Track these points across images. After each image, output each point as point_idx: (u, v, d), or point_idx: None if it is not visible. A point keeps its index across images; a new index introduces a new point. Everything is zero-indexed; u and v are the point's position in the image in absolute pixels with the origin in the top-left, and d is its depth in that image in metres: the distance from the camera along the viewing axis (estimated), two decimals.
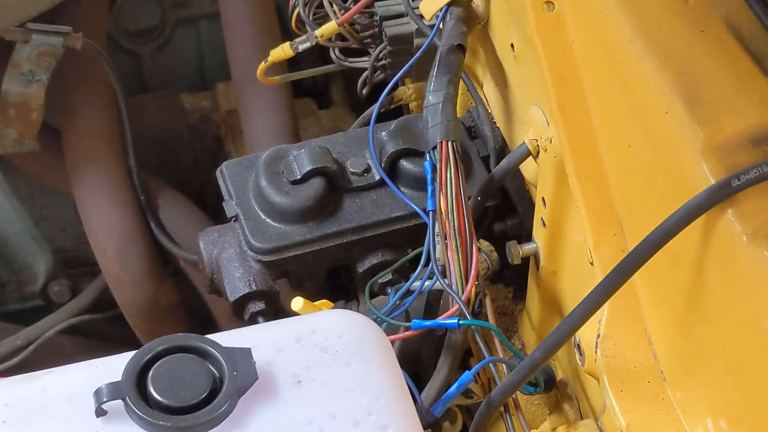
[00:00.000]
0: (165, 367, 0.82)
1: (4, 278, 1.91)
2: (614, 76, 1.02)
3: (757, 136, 0.90)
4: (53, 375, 0.85)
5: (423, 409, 1.06)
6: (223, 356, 0.83)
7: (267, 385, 0.84)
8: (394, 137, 1.25)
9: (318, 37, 1.41)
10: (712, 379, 0.90)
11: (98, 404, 0.80)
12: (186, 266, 1.67)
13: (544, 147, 1.09)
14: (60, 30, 1.56)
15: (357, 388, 0.85)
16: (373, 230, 1.23)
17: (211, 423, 0.80)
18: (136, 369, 0.82)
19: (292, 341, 0.87)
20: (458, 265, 1.07)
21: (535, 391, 1.12)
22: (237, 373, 0.82)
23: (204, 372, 0.82)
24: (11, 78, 1.58)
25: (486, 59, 1.29)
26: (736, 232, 0.86)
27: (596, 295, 0.91)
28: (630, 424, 0.94)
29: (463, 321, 1.05)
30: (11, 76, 1.58)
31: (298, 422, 0.83)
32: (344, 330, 0.89)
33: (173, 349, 0.83)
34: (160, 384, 0.81)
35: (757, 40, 0.97)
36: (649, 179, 0.98)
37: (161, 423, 0.79)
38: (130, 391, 0.80)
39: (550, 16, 1.08)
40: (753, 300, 0.86)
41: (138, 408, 0.80)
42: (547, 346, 0.95)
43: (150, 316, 1.67)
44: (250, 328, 0.92)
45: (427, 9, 1.25)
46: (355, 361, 0.87)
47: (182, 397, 0.80)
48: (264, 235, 1.21)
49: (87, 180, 1.64)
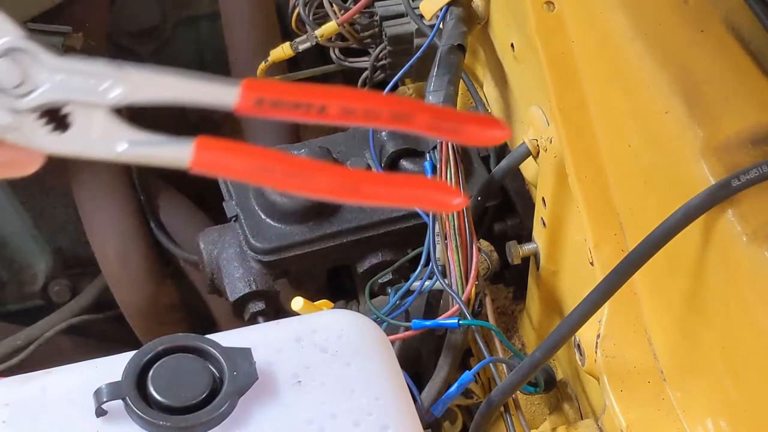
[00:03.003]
0: (165, 367, 0.82)
1: (4, 278, 1.91)
2: (614, 76, 1.02)
3: (757, 136, 0.90)
4: (53, 375, 0.85)
5: (423, 409, 1.06)
6: (223, 356, 0.83)
7: (267, 385, 0.84)
8: (394, 137, 1.25)
9: (318, 37, 1.41)
10: (712, 379, 0.90)
11: (98, 404, 0.80)
12: (186, 266, 1.67)
13: (544, 147, 1.09)
14: (60, 30, 1.55)
15: (357, 388, 0.85)
16: (373, 230, 1.23)
17: (211, 423, 0.80)
18: (136, 369, 0.81)
19: (292, 341, 0.87)
20: (458, 265, 1.07)
21: (535, 391, 1.12)
22: (237, 373, 0.82)
23: (204, 372, 0.82)
24: None
25: (486, 59, 1.29)
26: (736, 233, 0.86)
27: (596, 295, 0.91)
28: (630, 424, 0.94)
29: (463, 321, 1.05)
30: None
31: (298, 422, 0.83)
32: (344, 330, 0.89)
33: (173, 349, 0.83)
34: (160, 384, 0.81)
35: (757, 40, 0.97)
36: (649, 179, 0.98)
37: (161, 423, 0.79)
38: (130, 391, 0.80)
39: (550, 16, 1.08)
40: (753, 300, 0.86)
41: (138, 408, 0.80)
42: (547, 346, 0.95)
43: (150, 316, 1.67)
44: (250, 328, 0.92)
45: (427, 9, 1.25)
46: (355, 361, 0.87)
47: (182, 397, 0.80)
48: (264, 235, 1.21)
49: (87, 180, 1.64)
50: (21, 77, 0.48)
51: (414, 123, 0.51)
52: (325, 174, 0.49)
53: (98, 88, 0.48)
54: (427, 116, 0.51)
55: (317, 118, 0.49)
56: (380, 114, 0.50)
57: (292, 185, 0.49)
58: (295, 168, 0.48)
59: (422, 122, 0.51)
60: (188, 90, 0.49)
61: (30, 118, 0.48)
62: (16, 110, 0.48)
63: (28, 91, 0.48)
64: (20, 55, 0.48)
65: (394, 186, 0.51)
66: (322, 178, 0.49)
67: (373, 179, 0.51)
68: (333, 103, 0.49)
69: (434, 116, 0.51)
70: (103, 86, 0.48)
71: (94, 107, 0.49)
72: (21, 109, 0.48)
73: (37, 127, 0.49)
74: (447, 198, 0.51)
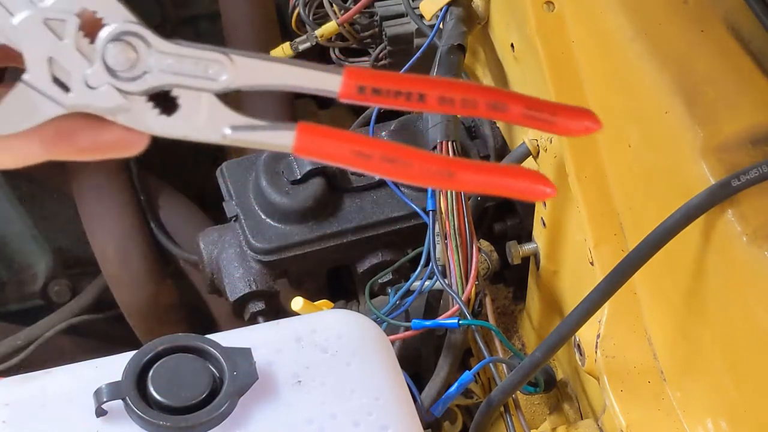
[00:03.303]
0: (165, 367, 0.82)
1: (4, 278, 1.91)
2: (614, 76, 1.02)
3: (757, 136, 0.90)
4: (53, 375, 0.85)
5: (423, 409, 1.06)
6: (223, 356, 0.83)
7: (267, 385, 0.84)
8: (394, 137, 1.25)
9: (318, 37, 1.41)
10: (712, 379, 0.90)
11: (98, 404, 0.80)
12: (186, 266, 1.67)
13: (544, 147, 1.09)
14: None
15: (357, 388, 0.85)
16: (373, 230, 1.23)
17: (211, 423, 0.80)
18: (136, 369, 0.81)
19: (292, 341, 0.87)
20: (458, 265, 1.07)
21: (535, 391, 1.12)
22: (237, 373, 0.82)
23: (204, 372, 0.82)
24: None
25: (486, 59, 1.29)
26: (736, 232, 0.86)
27: (596, 295, 0.91)
28: (630, 424, 0.94)
29: (463, 321, 1.05)
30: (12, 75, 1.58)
31: (298, 422, 0.83)
32: (344, 330, 0.89)
33: (173, 349, 0.83)
34: (160, 384, 0.81)
35: (757, 40, 0.97)
36: (649, 179, 0.98)
37: (161, 423, 0.79)
38: (130, 391, 0.80)
39: (550, 16, 1.08)
40: (753, 300, 0.86)
41: (138, 408, 0.80)
42: (547, 346, 0.95)
43: (150, 316, 1.67)
44: (250, 328, 0.92)
45: (427, 9, 1.25)
46: (355, 361, 0.87)
47: (182, 397, 0.80)
48: (264, 235, 1.21)
49: (87, 180, 1.64)
50: (132, 61, 0.49)
51: (509, 113, 0.51)
52: (422, 160, 0.50)
53: (206, 73, 0.50)
54: (522, 106, 0.52)
55: (417, 106, 0.50)
56: (477, 103, 0.51)
57: (390, 170, 0.50)
58: (393, 153, 0.49)
59: (517, 112, 0.51)
60: (294, 76, 0.50)
61: (139, 100, 0.50)
62: (127, 92, 0.49)
63: (139, 75, 0.50)
64: (131, 38, 0.49)
65: (489, 174, 0.52)
66: (419, 164, 0.50)
67: (469, 167, 0.51)
68: (431, 92, 0.50)
69: (529, 106, 0.52)
70: (211, 71, 0.50)
71: (201, 91, 0.50)
72: (131, 92, 0.50)
73: (145, 110, 0.50)
74: (540, 187, 0.51)
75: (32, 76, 0.49)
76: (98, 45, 0.49)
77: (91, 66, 0.49)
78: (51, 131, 0.49)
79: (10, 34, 0.49)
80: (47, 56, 0.49)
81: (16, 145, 0.49)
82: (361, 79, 0.49)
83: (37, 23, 0.48)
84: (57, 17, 0.49)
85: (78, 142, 0.50)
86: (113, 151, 0.51)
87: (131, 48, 0.50)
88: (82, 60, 0.49)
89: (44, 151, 0.49)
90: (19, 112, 0.49)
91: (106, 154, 0.51)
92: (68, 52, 0.49)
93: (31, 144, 0.49)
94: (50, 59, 0.49)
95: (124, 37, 0.50)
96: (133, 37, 0.50)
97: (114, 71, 0.49)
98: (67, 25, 0.49)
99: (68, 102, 0.49)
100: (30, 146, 0.49)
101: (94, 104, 0.49)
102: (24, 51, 0.49)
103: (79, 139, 0.50)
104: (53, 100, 0.49)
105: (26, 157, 0.50)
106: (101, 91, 0.49)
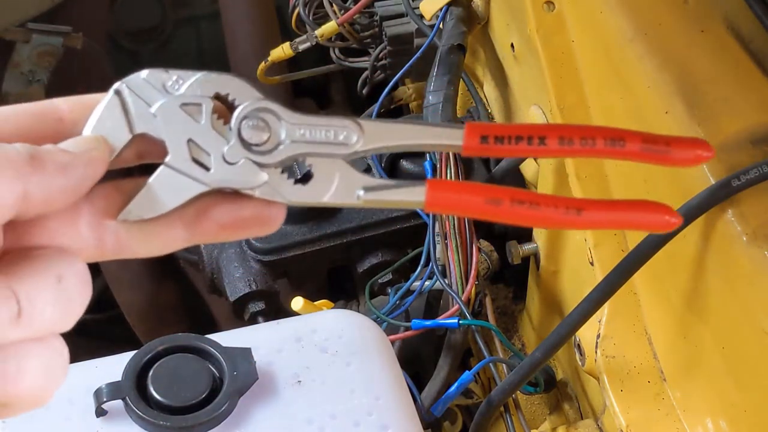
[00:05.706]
0: (165, 367, 0.82)
1: None
2: (614, 76, 1.02)
3: (757, 136, 0.90)
4: None
5: (423, 409, 1.06)
6: (223, 356, 0.83)
7: (267, 385, 0.84)
8: None
9: (318, 37, 1.41)
10: (712, 379, 0.90)
11: (98, 404, 0.80)
12: (186, 266, 1.67)
13: None
14: (60, 30, 1.56)
15: (357, 388, 0.85)
16: (373, 230, 1.23)
17: (211, 423, 0.80)
18: (136, 369, 0.82)
19: (292, 341, 0.88)
20: (458, 265, 1.07)
21: (535, 391, 1.12)
22: (237, 373, 0.82)
23: (204, 372, 0.82)
24: (12, 78, 1.58)
25: (486, 59, 1.29)
26: (736, 233, 0.86)
27: (596, 295, 0.91)
28: (630, 424, 0.94)
29: (463, 321, 1.05)
30: (12, 76, 1.58)
31: (298, 422, 0.83)
32: (344, 330, 0.89)
33: (173, 349, 0.83)
34: (160, 384, 0.81)
35: (757, 40, 0.97)
36: (649, 179, 0.98)
37: (161, 423, 0.79)
38: (130, 391, 0.80)
39: (550, 16, 1.08)
40: (752, 300, 0.86)
41: (138, 408, 0.80)
42: (547, 346, 0.95)
43: (149, 316, 1.67)
44: (250, 328, 0.92)
45: (427, 9, 1.25)
46: (355, 361, 0.87)
47: (182, 397, 0.80)
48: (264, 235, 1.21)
49: None
50: (266, 135, 0.51)
51: (627, 149, 0.53)
52: (550, 201, 0.51)
53: (336, 140, 0.52)
54: (639, 141, 0.53)
55: (538, 150, 0.52)
56: (596, 141, 0.53)
57: (520, 215, 0.51)
58: (521, 197, 0.50)
59: (635, 148, 0.53)
60: (419, 135, 0.52)
61: (275, 172, 0.52)
62: (263, 165, 0.51)
63: (273, 147, 0.52)
64: (263, 114, 0.51)
65: (617, 210, 0.54)
66: (548, 206, 0.51)
67: (596, 206, 0.53)
68: (551, 134, 0.51)
69: (645, 141, 0.53)
70: (341, 138, 0.52)
71: (333, 158, 0.52)
72: (267, 164, 0.52)
73: (281, 180, 0.52)
74: (666, 218, 0.53)
75: (174, 157, 0.50)
76: (233, 123, 0.51)
77: (228, 143, 0.51)
78: (192, 212, 0.50)
79: (150, 122, 0.51)
80: (186, 138, 0.51)
81: (161, 232, 0.50)
82: (482, 131, 0.51)
83: (175, 108, 0.51)
84: (192, 102, 0.51)
85: (219, 220, 0.51)
86: (253, 227, 0.52)
87: (264, 123, 0.51)
88: (219, 138, 0.51)
89: (187, 233, 0.50)
90: (164, 194, 0.50)
91: (246, 230, 0.52)
92: (206, 133, 0.51)
93: (175, 227, 0.50)
94: (189, 140, 0.51)
95: (256, 114, 0.51)
96: (265, 113, 0.51)
97: (250, 145, 0.51)
98: (202, 108, 0.51)
99: (209, 179, 0.51)
100: (174, 230, 0.50)
101: (235, 179, 0.51)
102: (164, 135, 0.51)
103: (221, 217, 0.51)
104: (195, 179, 0.51)
105: (172, 242, 0.50)
106: (240, 165, 0.51)
